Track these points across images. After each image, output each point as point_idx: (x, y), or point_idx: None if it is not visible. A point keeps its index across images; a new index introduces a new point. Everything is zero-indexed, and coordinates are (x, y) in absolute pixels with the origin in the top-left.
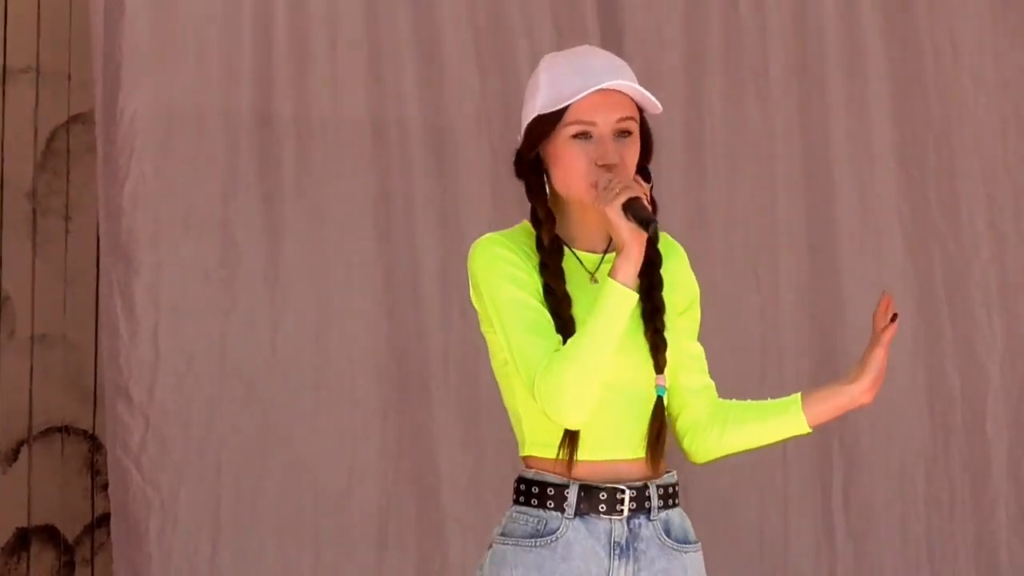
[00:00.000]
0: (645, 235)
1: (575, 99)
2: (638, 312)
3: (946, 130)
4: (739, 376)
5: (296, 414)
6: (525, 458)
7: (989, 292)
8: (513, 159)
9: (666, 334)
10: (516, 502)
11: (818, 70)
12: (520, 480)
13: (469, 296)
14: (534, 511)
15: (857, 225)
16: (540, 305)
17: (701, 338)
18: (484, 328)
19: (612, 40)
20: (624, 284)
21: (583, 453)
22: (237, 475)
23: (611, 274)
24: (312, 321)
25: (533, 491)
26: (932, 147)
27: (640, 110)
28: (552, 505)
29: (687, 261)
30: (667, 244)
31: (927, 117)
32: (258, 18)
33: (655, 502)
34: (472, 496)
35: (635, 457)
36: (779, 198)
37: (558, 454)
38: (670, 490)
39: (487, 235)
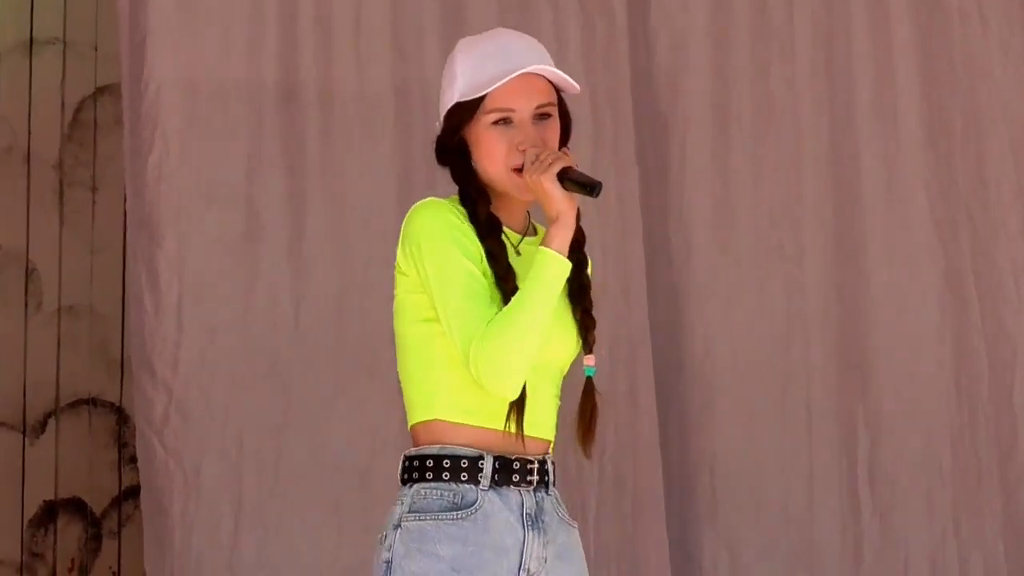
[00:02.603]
0: (576, 204)
1: (494, 87)
2: (565, 291)
3: (973, 101)
4: (764, 348)
5: (319, 388)
6: (425, 426)
7: (1017, 263)
8: (434, 145)
9: (595, 313)
10: (423, 479)
11: (844, 42)
12: (422, 457)
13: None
14: (446, 485)
15: (883, 197)
16: (483, 276)
17: (728, 309)
18: (404, 291)
19: (638, 13)
20: (560, 252)
21: (495, 422)
22: (259, 450)
23: (546, 243)
24: (335, 295)
25: (444, 465)
26: (959, 118)
27: (558, 91)
28: (466, 478)
29: None
30: None
31: (954, 88)
32: None
33: (551, 477)
34: None
35: (544, 437)
36: (805, 170)
37: (505, 426)
38: (555, 468)
39: (432, 198)
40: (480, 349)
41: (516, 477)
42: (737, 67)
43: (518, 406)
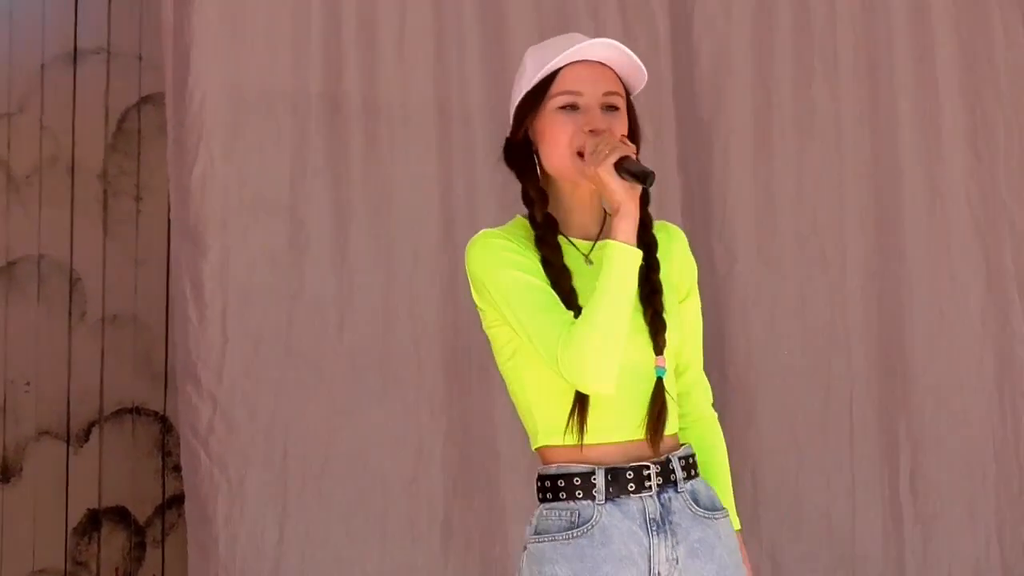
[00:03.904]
0: (638, 193)
1: (562, 63)
2: (637, 295)
3: (1017, 109)
4: (807, 357)
5: (362, 398)
6: (540, 451)
7: None
8: (503, 148)
9: (665, 316)
10: (544, 500)
11: (886, 51)
12: (543, 478)
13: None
14: (564, 504)
15: (925, 206)
16: (546, 284)
17: (770, 318)
18: (487, 326)
19: (681, 22)
20: (627, 243)
21: (598, 436)
22: (304, 459)
23: (611, 236)
24: (379, 305)
25: (560, 485)
26: (1002, 126)
27: (627, 93)
28: (581, 495)
29: (686, 244)
30: (665, 228)
31: (997, 97)
32: (327, 1)
33: (680, 473)
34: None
35: (643, 437)
36: (847, 179)
37: (564, 434)
38: (690, 460)
39: (482, 231)
40: (565, 353)
41: (632, 486)
42: (779, 75)
43: (579, 411)
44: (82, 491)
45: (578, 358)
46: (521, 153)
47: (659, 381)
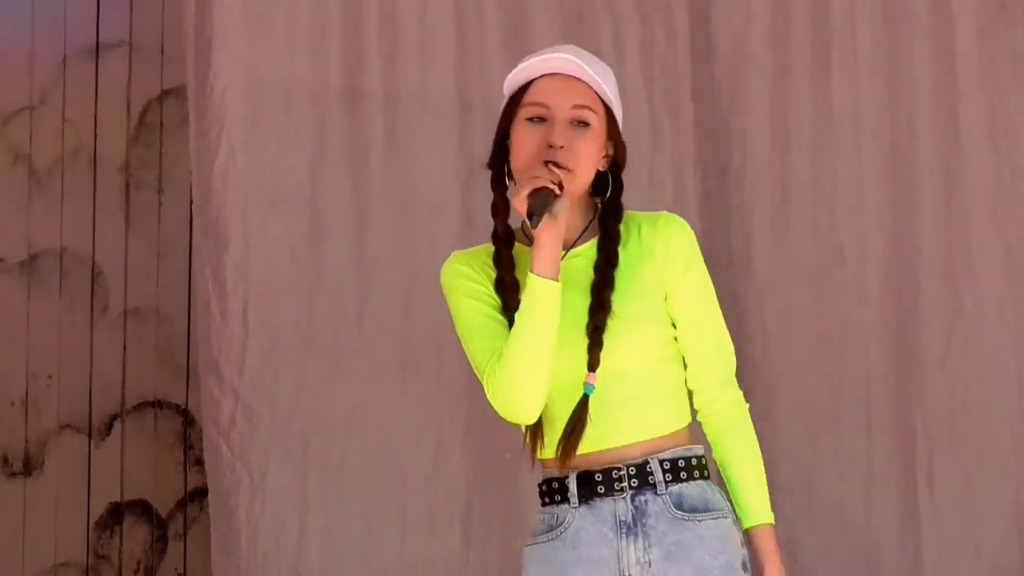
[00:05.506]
0: (555, 225)
1: (529, 77)
2: (585, 307)
3: None
4: (823, 352)
5: (383, 391)
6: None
7: None
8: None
9: (611, 323)
10: (541, 505)
11: (905, 45)
12: (539, 484)
13: None
14: (549, 508)
15: (943, 199)
16: (492, 311)
17: (787, 313)
18: None
19: (699, 18)
20: (542, 275)
21: (584, 447)
22: (324, 452)
23: (530, 268)
24: (399, 298)
25: (543, 489)
26: (1023, 119)
27: (610, 111)
28: (559, 499)
29: (673, 228)
30: (651, 221)
31: (1019, 89)
32: None
33: (659, 476)
34: None
35: (634, 441)
36: (865, 175)
37: (522, 450)
38: (680, 463)
39: (451, 255)
40: (489, 386)
41: (601, 488)
42: (798, 69)
43: (532, 431)
44: (104, 484)
45: (496, 392)
46: (496, 159)
47: (584, 398)
